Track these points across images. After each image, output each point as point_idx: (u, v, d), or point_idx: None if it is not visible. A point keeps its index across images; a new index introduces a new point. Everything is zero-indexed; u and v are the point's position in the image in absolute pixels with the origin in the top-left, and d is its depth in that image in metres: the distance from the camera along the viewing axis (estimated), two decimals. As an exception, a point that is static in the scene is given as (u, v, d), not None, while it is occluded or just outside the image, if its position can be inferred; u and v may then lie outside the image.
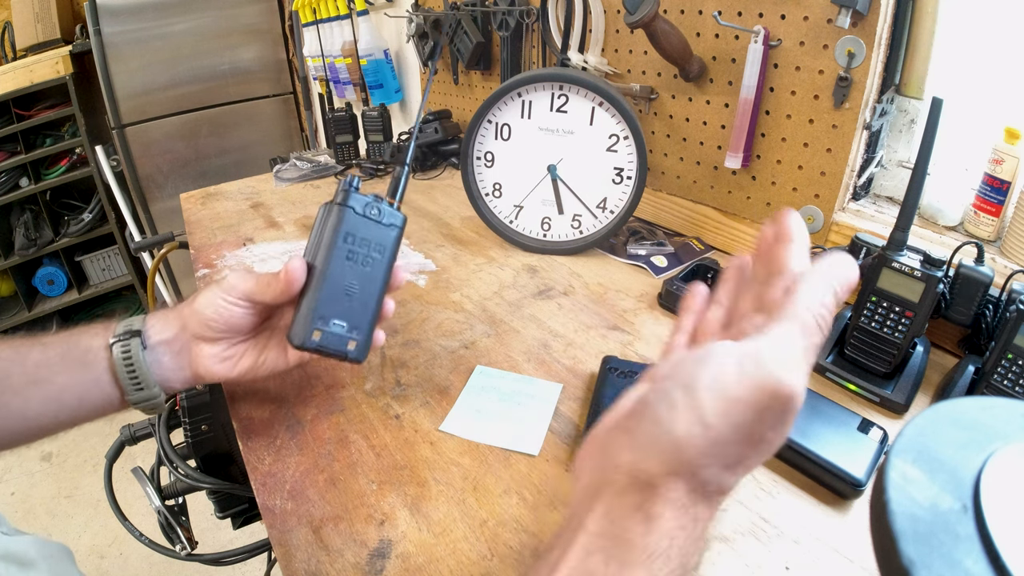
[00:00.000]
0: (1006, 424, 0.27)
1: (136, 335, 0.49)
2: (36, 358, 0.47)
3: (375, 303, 0.50)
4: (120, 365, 0.47)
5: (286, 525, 0.46)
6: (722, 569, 0.42)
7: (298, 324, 0.48)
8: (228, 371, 0.51)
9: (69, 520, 1.74)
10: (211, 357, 0.50)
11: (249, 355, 0.52)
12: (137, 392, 0.48)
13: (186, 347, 0.51)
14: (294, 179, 1.35)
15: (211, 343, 0.50)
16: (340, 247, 0.48)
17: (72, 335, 0.49)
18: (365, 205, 0.49)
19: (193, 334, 0.50)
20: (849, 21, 0.64)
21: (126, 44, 2.09)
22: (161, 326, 0.50)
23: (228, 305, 0.49)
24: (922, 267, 0.55)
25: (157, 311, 0.52)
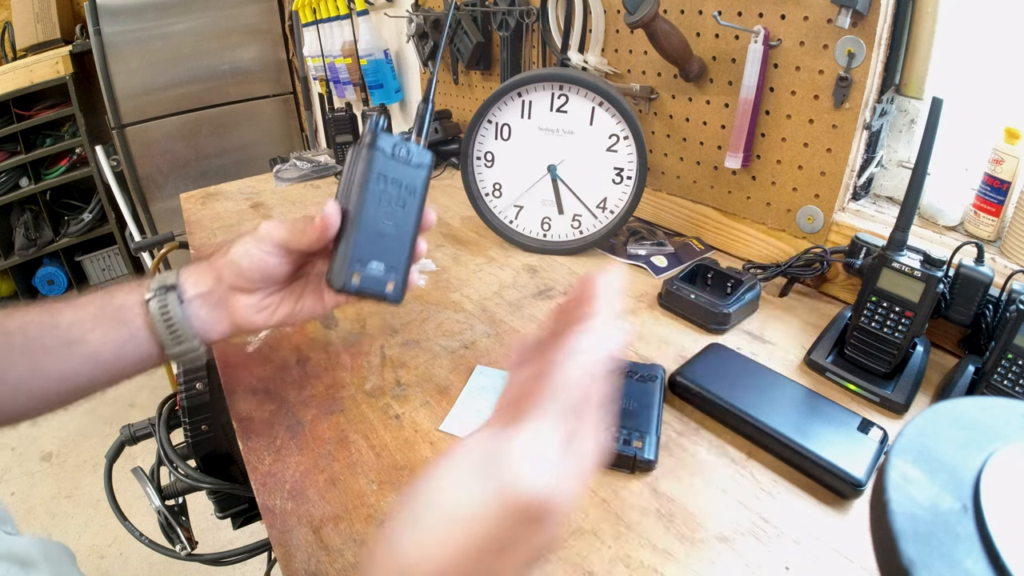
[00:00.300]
0: (1006, 424, 0.27)
1: (172, 289, 0.48)
2: (68, 318, 0.46)
3: (409, 243, 0.50)
4: (159, 320, 0.47)
5: (286, 525, 0.46)
6: (722, 569, 0.42)
7: (337, 267, 0.47)
8: (266, 320, 0.51)
9: (69, 520, 1.74)
10: (249, 307, 0.50)
11: (286, 303, 0.52)
12: (178, 346, 0.48)
13: (223, 299, 0.50)
14: (294, 179, 1.35)
15: (248, 294, 0.50)
16: (373, 189, 0.48)
17: (104, 294, 0.49)
18: (394, 146, 0.49)
19: (229, 285, 0.50)
20: (849, 21, 0.64)
21: (126, 44, 2.09)
22: (196, 279, 0.50)
23: (263, 254, 0.48)
24: (922, 267, 0.55)
25: (190, 264, 0.52)
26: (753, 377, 0.58)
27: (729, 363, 0.60)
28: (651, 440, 0.51)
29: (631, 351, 0.67)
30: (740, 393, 0.55)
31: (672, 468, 0.51)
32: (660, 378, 0.58)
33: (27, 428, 0.47)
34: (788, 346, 0.67)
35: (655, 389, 0.56)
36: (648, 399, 0.55)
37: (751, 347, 0.67)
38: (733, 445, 0.53)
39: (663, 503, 0.47)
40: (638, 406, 0.54)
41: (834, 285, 0.76)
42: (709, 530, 0.45)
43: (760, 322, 0.72)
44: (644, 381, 0.57)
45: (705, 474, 0.50)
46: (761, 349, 0.67)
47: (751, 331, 0.70)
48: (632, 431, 0.51)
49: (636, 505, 0.47)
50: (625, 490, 0.49)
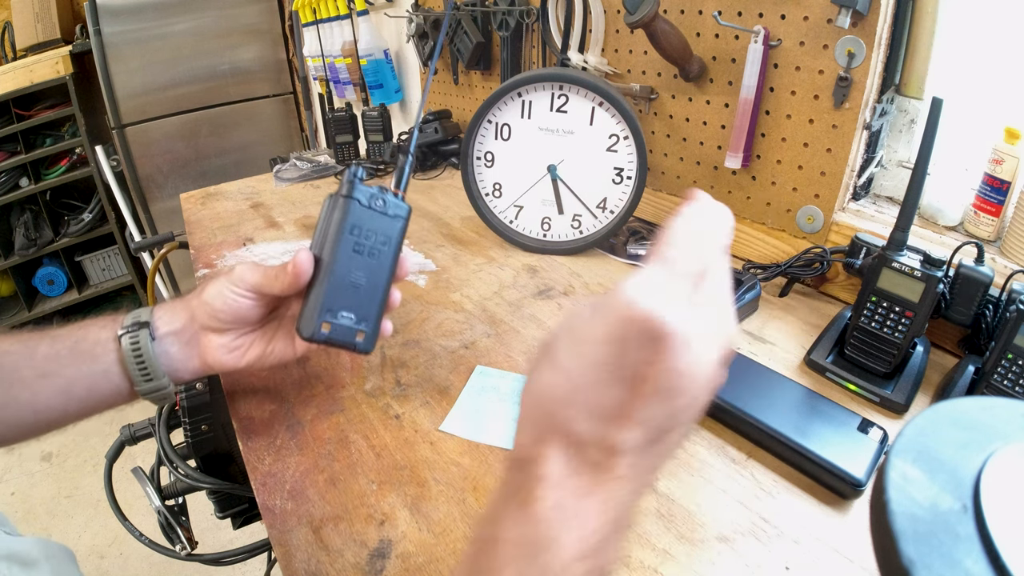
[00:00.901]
0: (1006, 424, 0.27)
1: (144, 326, 0.49)
2: (45, 351, 0.47)
3: (382, 294, 0.51)
4: (129, 356, 0.48)
5: (286, 525, 0.46)
6: (722, 569, 0.42)
7: (307, 316, 0.48)
8: (236, 361, 0.51)
9: (69, 520, 1.74)
10: (220, 347, 0.51)
11: (257, 345, 0.52)
12: (146, 383, 0.49)
13: (195, 338, 0.51)
14: (294, 179, 1.35)
15: (219, 334, 0.51)
16: (347, 239, 0.48)
17: (80, 327, 0.50)
18: (370, 197, 0.49)
19: (201, 325, 0.50)
20: (849, 21, 0.64)
21: (126, 44, 2.09)
22: (169, 317, 0.51)
23: (236, 297, 0.49)
24: (922, 267, 0.55)
25: (164, 302, 0.53)
26: (753, 377, 0.58)
27: (729, 363, 0.60)
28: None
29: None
30: (740, 393, 0.55)
31: (672, 468, 0.51)
32: (660, 378, 0.58)
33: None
34: (788, 346, 0.67)
35: (655, 389, 0.56)
36: (648, 399, 0.55)
37: (751, 347, 0.67)
38: (733, 445, 0.53)
39: (663, 503, 0.47)
40: (638, 406, 0.54)
41: (834, 285, 0.76)
42: (709, 530, 0.45)
43: (760, 322, 0.72)
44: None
45: (705, 474, 0.50)
46: (761, 349, 0.67)
47: (751, 331, 0.70)
48: (632, 431, 0.51)
49: (636, 505, 0.47)
50: (625, 490, 0.49)
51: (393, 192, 0.51)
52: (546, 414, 0.24)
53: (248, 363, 0.52)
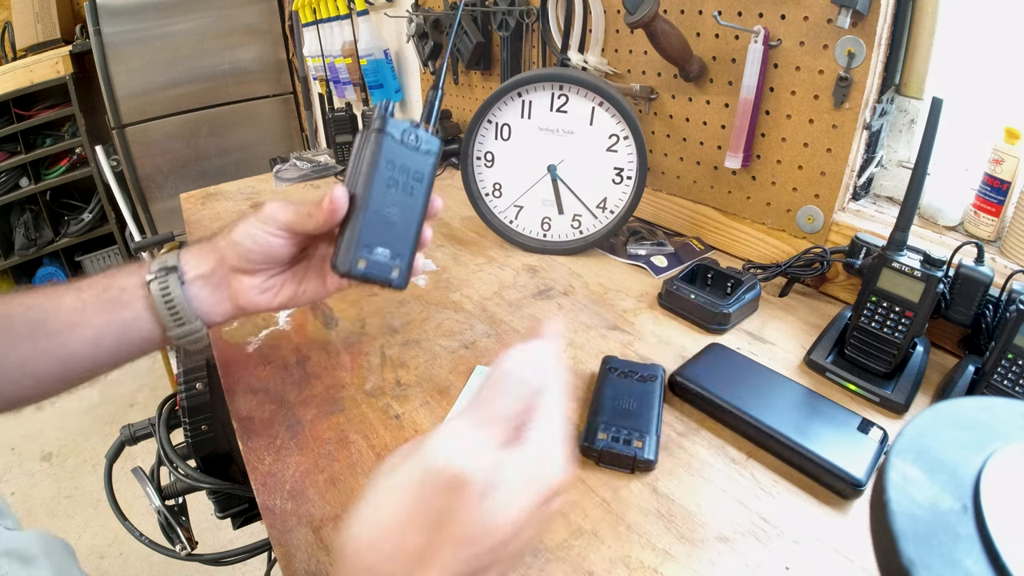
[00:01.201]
0: (1006, 424, 0.27)
1: (173, 271, 0.48)
2: (71, 302, 0.46)
3: (416, 230, 0.50)
4: (159, 301, 0.47)
5: (286, 525, 0.46)
6: (722, 569, 0.42)
7: (343, 251, 0.47)
8: (269, 301, 0.50)
9: (69, 520, 1.74)
10: (251, 289, 0.50)
11: (289, 285, 0.51)
12: (179, 327, 0.48)
13: (224, 280, 0.50)
14: (294, 179, 1.35)
15: (250, 275, 0.50)
16: (381, 174, 0.47)
17: (106, 276, 0.49)
18: (403, 131, 0.48)
19: (231, 267, 0.49)
20: (849, 21, 0.64)
21: (126, 44, 2.09)
22: (197, 260, 0.49)
23: (267, 236, 0.48)
24: (922, 267, 0.55)
25: (192, 245, 0.51)
26: (753, 377, 0.58)
27: (729, 363, 0.60)
28: (651, 440, 0.51)
29: (631, 351, 0.67)
30: (740, 393, 0.55)
31: (672, 468, 0.51)
32: (660, 378, 0.58)
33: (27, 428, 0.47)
34: (788, 346, 0.67)
35: (655, 389, 0.56)
36: (648, 399, 0.55)
37: (751, 347, 0.67)
38: (733, 445, 0.53)
39: (663, 503, 0.47)
40: (638, 406, 0.54)
41: (834, 285, 0.76)
42: (709, 530, 0.45)
43: (760, 322, 0.72)
44: (644, 381, 0.57)
45: (705, 474, 0.50)
46: (761, 349, 0.67)
47: (751, 331, 0.70)
48: (632, 431, 0.51)
49: (636, 505, 0.47)
50: (625, 490, 0.49)
51: (424, 127, 0.50)
52: (357, 558, 0.25)
53: (280, 303, 0.51)
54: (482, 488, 0.25)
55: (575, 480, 0.50)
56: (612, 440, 0.50)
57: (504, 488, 0.25)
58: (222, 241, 0.50)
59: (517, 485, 0.26)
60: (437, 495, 0.25)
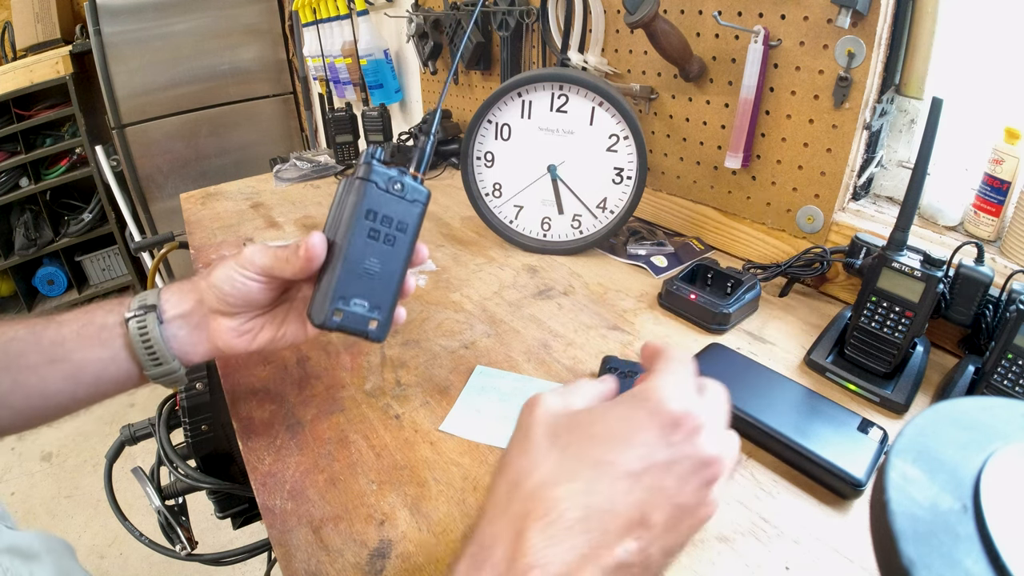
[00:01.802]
0: (1006, 424, 0.27)
1: (152, 309, 0.48)
2: (51, 336, 0.46)
3: (397, 282, 0.49)
4: (137, 341, 0.47)
5: (286, 525, 0.46)
6: (722, 569, 0.42)
7: (318, 303, 0.46)
8: (247, 344, 0.50)
9: (69, 520, 1.74)
10: (230, 331, 0.49)
11: (268, 328, 0.51)
12: (156, 367, 0.48)
13: (204, 321, 0.49)
14: (294, 179, 1.35)
15: (229, 317, 0.49)
16: (362, 224, 0.46)
17: (86, 312, 0.49)
18: (388, 180, 0.47)
19: (210, 308, 0.49)
20: (849, 21, 0.64)
21: (126, 44, 2.09)
22: (177, 299, 0.49)
23: (245, 280, 0.48)
24: (922, 267, 0.55)
25: (172, 284, 0.51)
26: (753, 377, 0.58)
27: (729, 363, 0.60)
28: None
29: (631, 351, 0.67)
30: (740, 393, 0.55)
31: (672, 468, 0.51)
32: (660, 378, 0.58)
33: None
34: (788, 346, 0.67)
35: (655, 389, 0.56)
36: (648, 399, 0.55)
37: (751, 347, 0.67)
38: (733, 445, 0.53)
39: (663, 503, 0.47)
40: (638, 406, 0.54)
41: (834, 285, 0.76)
42: (709, 530, 0.45)
43: (760, 322, 0.72)
44: (644, 381, 0.57)
45: (705, 474, 0.50)
46: (761, 349, 0.67)
47: (751, 331, 0.70)
48: (632, 431, 0.51)
49: (636, 505, 0.47)
50: (625, 490, 0.49)
51: (412, 175, 0.49)
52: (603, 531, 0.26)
53: (259, 346, 0.51)
54: (706, 428, 0.29)
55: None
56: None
57: (713, 424, 0.30)
58: (202, 282, 0.50)
59: (720, 425, 0.31)
60: (674, 437, 0.28)
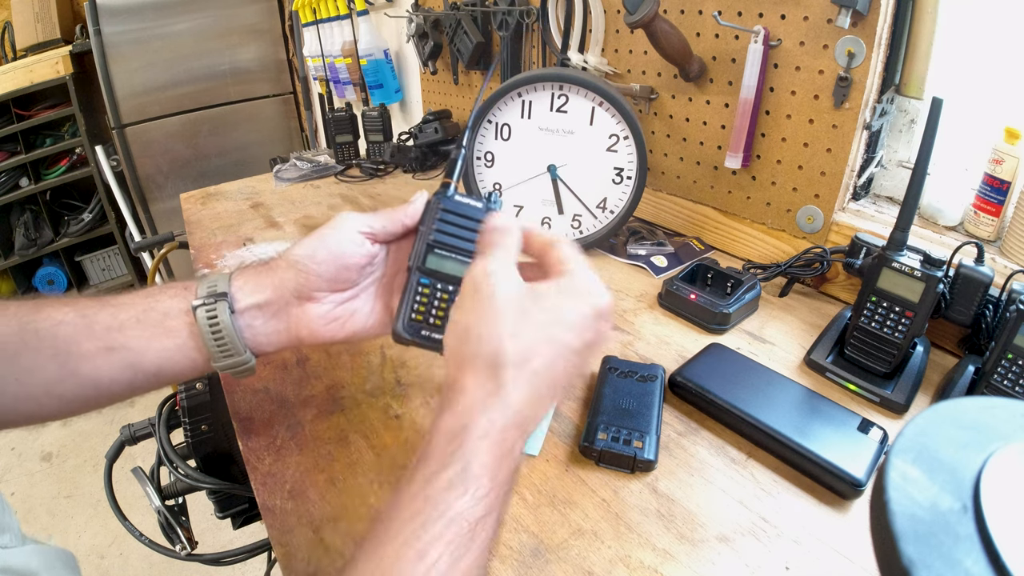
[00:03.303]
0: (1006, 424, 0.27)
1: (223, 297, 0.44)
2: (106, 321, 0.43)
3: None
4: (206, 331, 0.43)
5: (286, 525, 0.46)
6: (722, 569, 0.42)
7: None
8: (334, 333, 0.47)
9: (69, 520, 1.74)
10: (317, 319, 0.46)
11: (359, 317, 0.48)
12: (226, 359, 0.44)
13: (284, 310, 0.46)
14: (294, 179, 1.35)
15: (316, 303, 0.46)
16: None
17: (147, 295, 0.45)
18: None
19: (293, 293, 0.45)
20: (849, 21, 0.64)
21: (126, 44, 2.09)
22: (252, 287, 0.45)
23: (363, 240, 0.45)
24: (922, 267, 0.55)
25: (245, 268, 0.47)
26: (753, 377, 0.58)
27: (729, 363, 0.60)
28: (651, 440, 0.51)
29: (631, 351, 0.67)
30: (740, 393, 0.55)
31: (672, 468, 0.51)
32: (660, 378, 0.58)
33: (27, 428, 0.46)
34: (788, 346, 0.67)
35: (655, 389, 0.56)
36: (648, 399, 0.55)
37: (751, 347, 0.67)
38: (733, 445, 0.53)
39: (663, 503, 0.47)
40: (638, 406, 0.54)
41: (834, 285, 0.76)
42: (709, 530, 0.45)
43: (760, 322, 0.72)
44: (644, 381, 0.57)
45: (705, 474, 0.50)
46: (761, 349, 0.67)
47: (751, 331, 0.70)
48: (632, 431, 0.51)
49: (636, 505, 0.47)
50: (625, 490, 0.49)
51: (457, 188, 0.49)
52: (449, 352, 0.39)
53: (348, 336, 0.47)
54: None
55: (575, 480, 0.50)
56: (612, 440, 0.50)
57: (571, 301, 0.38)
58: (281, 262, 0.46)
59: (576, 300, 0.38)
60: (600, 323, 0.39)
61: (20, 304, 0.43)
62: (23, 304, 0.43)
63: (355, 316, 0.47)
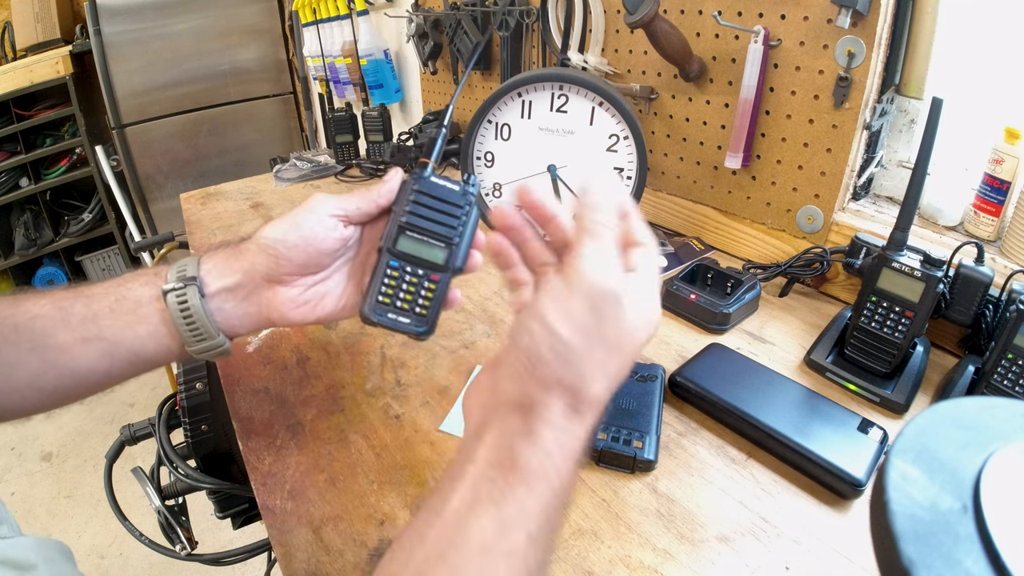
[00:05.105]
0: (1006, 424, 0.27)
1: (192, 282, 0.44)
2: (81, 312, 0.43)
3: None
4: (177, 316, 0.43)
5: (286, 525, 0.46)
6: (722, 569, 0.42)
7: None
8: (306, 316, 0.46)
9: (69, 520, 1.74)
10: (288, 303, 0.45)
11: (330, 299, 0.47)
12: (199, 343, 0.44)
13: (254, 293, 0.46)
14: (294, 179, 1.35)
15: (287, 286, 0.45)
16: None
17: (118, 284, 0.45)
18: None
19: (263, 276, 0.45)
20: (849, 21, 0.64)
21: (126, 44, 2.09)
22: (220, 270, 0.45)
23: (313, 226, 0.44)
24: (922, 267, 0.55)
25: (214, 250, 0.47)
26: (753, 377, 0.58)
27: (729, 363, 0.60)
28: (651, 440, 0.51)
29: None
30: (740, 393, 0.55)
31: (672, 468, 0.51)
32: (660, 378, 0.58)
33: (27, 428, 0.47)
34: (788, 346, 0.67)
35: (655, 389, 0.56)
36: (648, 399, 0.55)
37: (751, 347, 0.67)
38: (733, 445, 0.53)
39: (663, 503, 0.47)
40: (638, 406, 0.54)
41: (834, 285, 0.76)
42: (709, 530, 0.45)
43: (760, 322, 0.72)
44: (644, 381, 0.57)
45: (705, 474, 0.50)
46: (761, 349, 0.67)
47: (751, 331, 0.70)
48: (632, 431, 0.51)
49: (636, 505, 0.47)
50: (625, 490, 0.49)
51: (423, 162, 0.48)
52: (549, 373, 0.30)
53: (320, 317, 0.47)
54: (628, 303, 0.31)
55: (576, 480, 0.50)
56: (612, 440, 0.50)
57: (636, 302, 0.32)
58: (251, 245, 0.46)
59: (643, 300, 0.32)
60: (607, 313, 0.31)
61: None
62: (2, 300, 0.44)
63: (326, 298, 0.47)
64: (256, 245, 0.45)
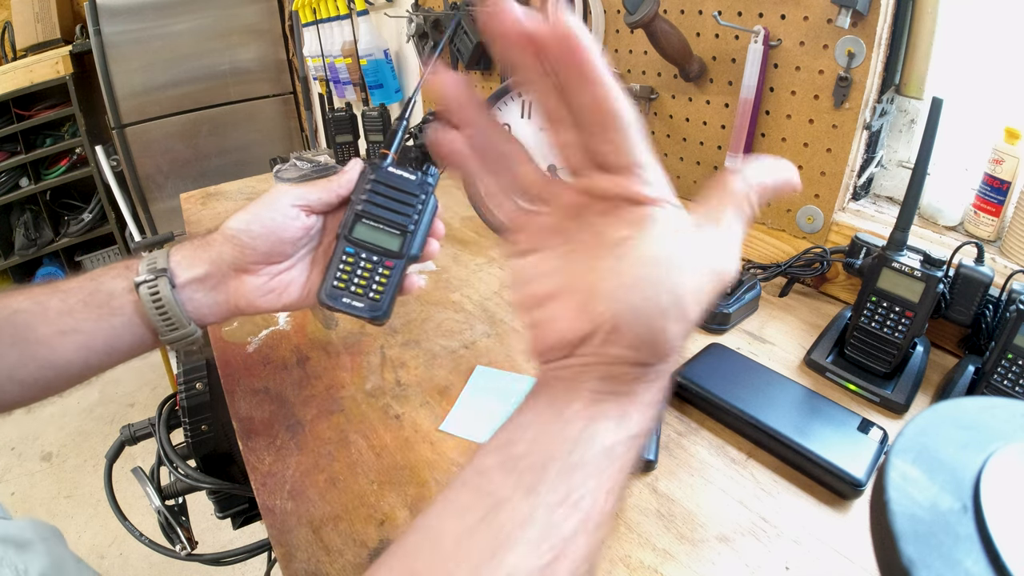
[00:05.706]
0: (1006, 424, 0.27)
1: (163, 273, 0.46)
2: (57, 306, 0.45)
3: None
4: (149, 307, 0.45)
5: (286, 525, 0.46)
6: (722, 569, 0.42)
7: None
8: (273, 304, 0.48)
9: (69, 520, 1.74)
10: (254, 291, 0.47)
11: (295, 288, 0.49)
12: (171, 332, 0.46)
13: (222, 283, 0.47)
14: (294, 179, 1.35)
15: (253, 275, 0.47)
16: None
17: (92, 279, 0.47)
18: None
19: (230, 266, 0.47)
20: (849, 21, 0.64)
21: (126, 44, 2.09)
22: (189, 262, 0.47)
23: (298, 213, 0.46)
24: (922, 267, 0.55)
25: (182, 243, 0.49)
26: (753, 377, 0.58)
27: (729, 363, 0.60)
28: (651, 440, 0.51)
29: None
30: (740, 393, 0.55)
31: (672, 468, 0.51)
32: (660, 378, 0.58)
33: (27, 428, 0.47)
34: (788, 346, 0.67)
35: (655, 389, 0.56)
36: (648, 399, 0.55)
37: (751, 347, 0.67)
38: (733, 445, 0.53)
39: (663, 503, 0.47)
40: (638, 406, 0.54)
41: (834, 285, 0.76)
42: (709, 530, 0.45)
43: (760, 322, 0.72)
44: (644, 381, 0.57)
45: (705, 474, 0.50)
46: (761, 349, 0.67)
47: (751, 331, 0.70)
48: (632, 431, 0.51)
49: (636, 505, 0.47)
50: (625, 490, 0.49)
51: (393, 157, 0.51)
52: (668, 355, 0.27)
53: (286, 305, 0.49)
54: None
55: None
56: None
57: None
58: (217, 236, 0.47)
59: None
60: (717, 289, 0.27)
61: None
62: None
63: (291, 286, 0.49)
64: (222, 236, 0.47)
